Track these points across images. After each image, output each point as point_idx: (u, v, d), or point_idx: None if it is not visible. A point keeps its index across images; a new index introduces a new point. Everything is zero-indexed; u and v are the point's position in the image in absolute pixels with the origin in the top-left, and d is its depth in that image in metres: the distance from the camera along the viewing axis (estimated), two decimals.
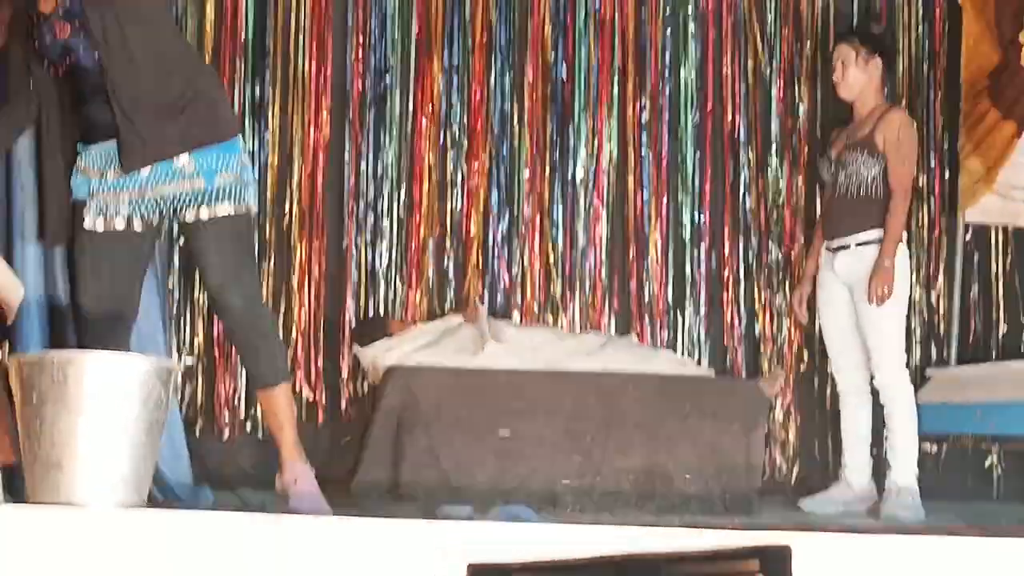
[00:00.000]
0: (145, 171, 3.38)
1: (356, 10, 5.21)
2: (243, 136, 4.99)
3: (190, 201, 3.39)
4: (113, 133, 3.38)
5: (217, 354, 5.05)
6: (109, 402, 2.87)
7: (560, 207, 5.36)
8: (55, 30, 3.39)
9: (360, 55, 5.19)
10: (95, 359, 2.91)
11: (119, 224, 3.44)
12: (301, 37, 5.20)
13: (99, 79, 3.37)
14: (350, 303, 5.21)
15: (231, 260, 3.43)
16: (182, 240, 3.51)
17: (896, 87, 5.41)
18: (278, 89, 5.18)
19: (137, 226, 3.45)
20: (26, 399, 2.89)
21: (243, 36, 5.16)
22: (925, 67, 5.54)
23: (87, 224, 3.45)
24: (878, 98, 4.84)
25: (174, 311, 4.96)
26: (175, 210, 3.42)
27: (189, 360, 4.34)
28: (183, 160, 3.37)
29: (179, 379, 4.84)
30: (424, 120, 5.23)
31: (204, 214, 3.39)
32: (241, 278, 3.46)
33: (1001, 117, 4.96)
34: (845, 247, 4.75)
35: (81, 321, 3.51)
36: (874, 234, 4.67)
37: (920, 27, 5.55)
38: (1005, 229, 5.47)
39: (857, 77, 4.80)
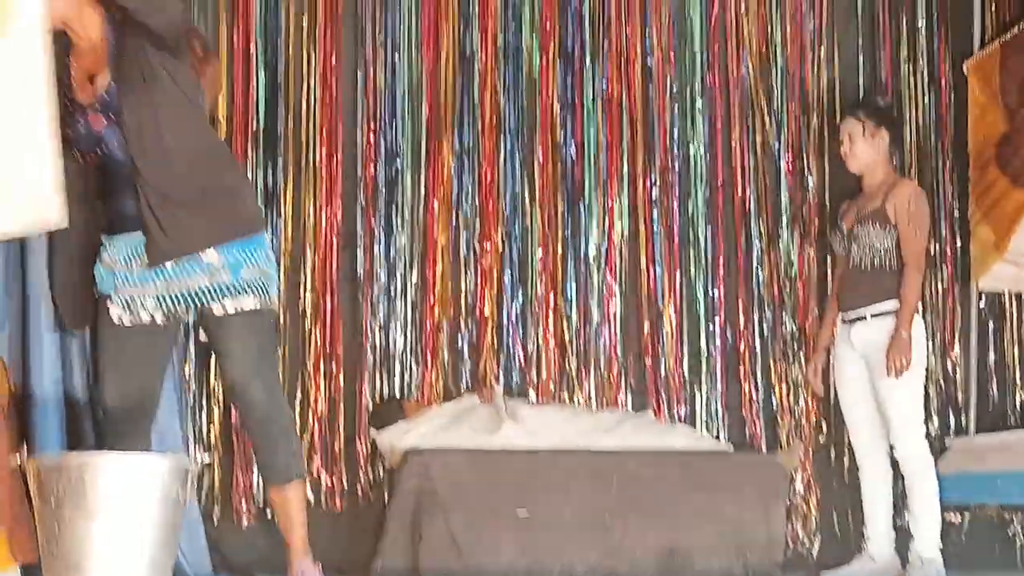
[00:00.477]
0: (171, 264, 3.39)
1: (367, 96, 5.27)
2: None
3: (215, 294, 3.40)
4: (139, 226, 3.39)
5: (235, 442, 5.06)
6: (126, 504, 2.88)
7: (573, 284, 5.37)
8: (90, 121, 3.41)
9: (371, 140, 5.25)
10: (112, 462, 2.92)
11: (144, 317, 3.44)
12: (312, 124, 5.25)
13: (130, 171, 3.38)
14: (366, 387, 5.22)
15: (254, 354, 3.44)
16: (201, 331, 3.52)
17: (904, 157, 5.44)
18: (290, 176, 5.23)
19: (161, 319, 3.46)
20: (44, 501, 2.91)
21: (255, 124, 5.21)
22: (932, 137, 5.57)
23: (112, 317, 3.45)
24: (887, 169, 4.87)
25: (191, 401, 4.97)
26: (200, 303, 3.42)
27: (206, 457, 4.34)
28: (210, 254, 3.38)
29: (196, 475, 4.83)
30: (436, 202, 5.26)
31: (229, 307, 3.40)
32: (263, 372, 3.47)
33: (1010, 185, 4.97)
34: (861, 318, 4.76)
35: (102, 417, 3.51)
36: (889, 305, 4.68)
37: (926, 97, 5.59)
38: (1018, 296, 5.46)
39: (865, 150, 4.83)
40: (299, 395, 5.15)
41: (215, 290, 3.39)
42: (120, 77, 3.36)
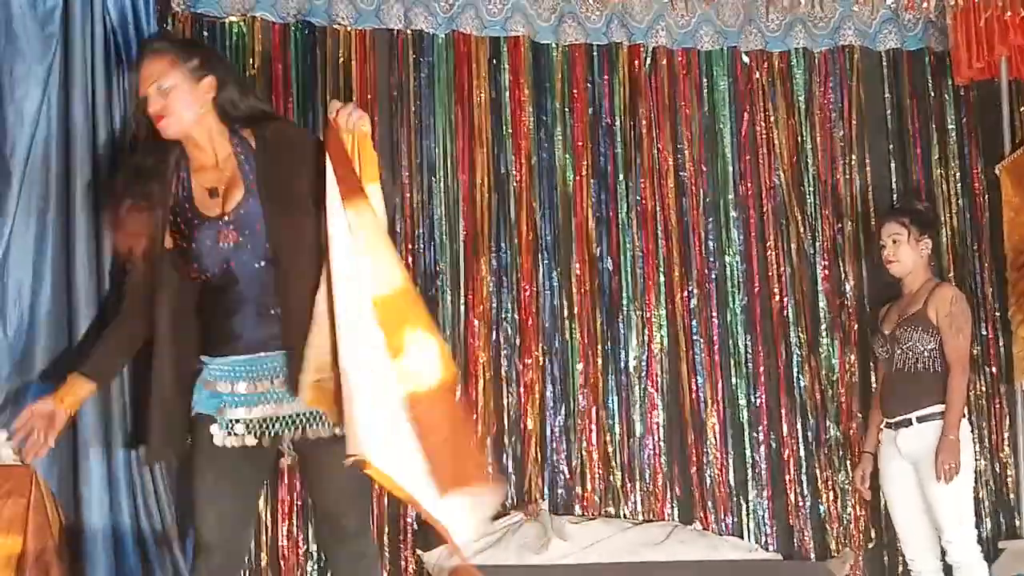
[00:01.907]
0: (281, 386, 3.29)
1: (405, 218, 5.34)
2: None
3: (323, 416, 3.27)
4: (255, 347, 3.29)
5: (282, 567, 5.04)
6: None
7: (615, 397, 5.38)
8: (219, 236, 3.32)
9: (410, 261, 5.31)
10: None
11: (250, 441, 3.31)
12: None
13: (254, 290, 3.30)
14: (410, 507, 5.20)
15: (355, 482, 3.25)
16: (287, 456, 3.40)
17: (942, 259, 5.46)
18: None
19: (266, 442, 3.32)
20: None
21: None
22: (969, 238, 5.59)
23: (216, 441, 3.31)
24: (927, 273, 4.90)
25: None
26: (306, 425, 3.29)
27: None
28: None
29: None
30: (476, 321, 5.30)
31: (337, 430, 3.23)
32: (359, 501, 3.37)
33: None
34: (906, 423, 4.75)
35: (196, 554, 3.35)
36: (935, 409, 4.68)
37: (960, 200, 5.62)
38: None
39: (908, 254, 4.87)
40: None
41: (322, 412, 3.26)
42: (269, 198, 3.32)
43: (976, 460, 5.05)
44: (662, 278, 5.45)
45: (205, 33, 5.13)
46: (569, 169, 5.45)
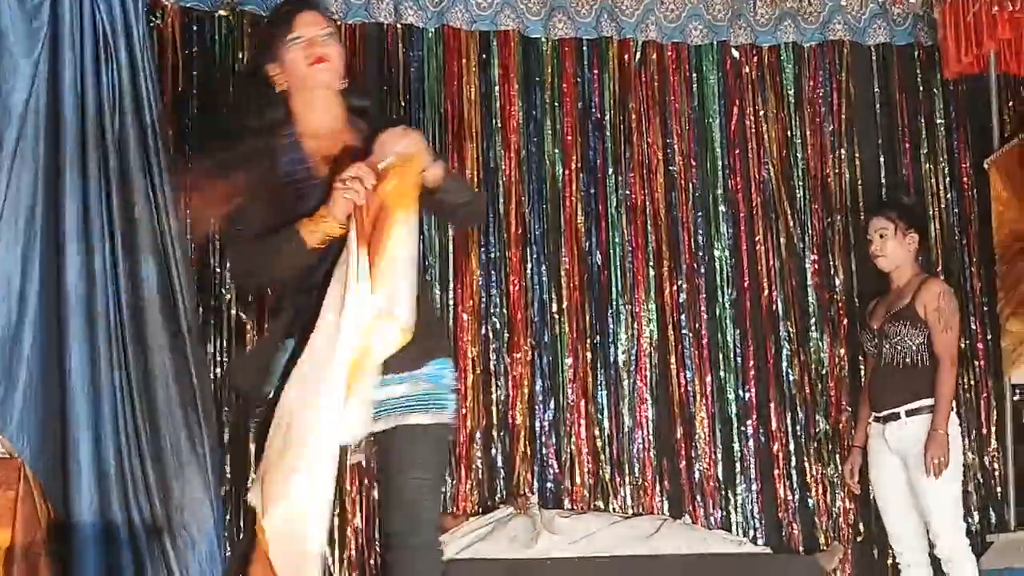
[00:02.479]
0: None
1: None
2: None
3: (419, 404, 3.23)
4: None
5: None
6: None
7: (604, 391, 5.39)
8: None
9: None
10: None
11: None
12: None
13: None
14: None
15: (435, 470, 3.26)
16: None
17: (930, 253, 5.47)
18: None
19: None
20: None
21: None
22: (957, 232, 5.61)
23: None
24: (915, 268, 4.91)
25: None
26: (396, 412, 3.23)
27: None
28: (429, 366, 3.26)
29: None
30: (465, 315, 5.31)
31: (426, 419, 3.22)
32: (435, 491, 3.31)
33: None
34: (895, 417, 4.76)
35: None
36: (924, 403, 4.69)
37: (948, 194, 5.64)
38: None
39: (896, 249, 4.87)
40: (337, 508, 5.14)
41: (420, 400, 3.24)
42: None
43: (964, 454, 5.07)
44: (651, 272, 5.46)
45: (194, 27, 5.12)
46: (558, 163, 5.46)
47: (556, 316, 5.38)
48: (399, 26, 5.35)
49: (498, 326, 5.34)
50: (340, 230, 3.13)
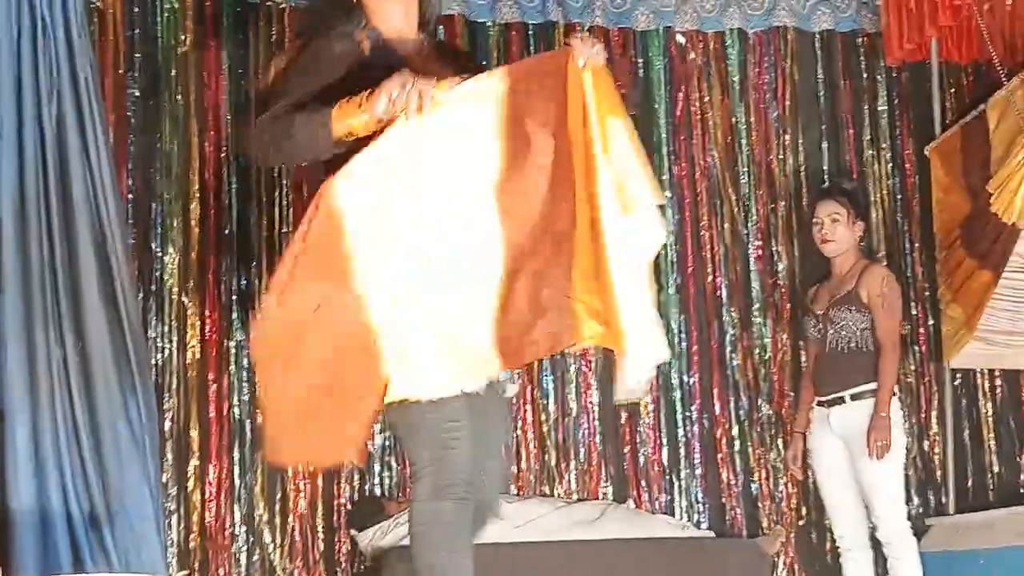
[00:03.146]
0: None
1: None
2: (232, 329, 5.11)
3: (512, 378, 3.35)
4: None
5: (211, 555, 5.00)
6: None
7: (550, 377, 5.39)
8: None
9: None
10: None
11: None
12: (286, 225, 5.27)
13: None
14: (345, 486, 5.19)
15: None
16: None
17: (872, 239, 5.51)
18: (264, 279, 5.24)
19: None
20: None
21: (228, 227, 5.22)
22: (899, 218, 5.65)
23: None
24: (857, 254, 4.94)
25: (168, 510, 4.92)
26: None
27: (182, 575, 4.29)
28: None
29: None
30: None
31: (511, 391, 3.36)
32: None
33: (976, 265, 5.04)
34: (839, 401, 4.79)
35: None
36: (868, 387, 4.72)
37: (891, 180, 5.68)
38: (991, 372, 5.51)
39: (844, 235, 4.90)
40: (279, 494, 5.12)
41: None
42: None
43: (906, 438, 5.11)
44: None
45: (136, 9, 5.06)
46: None
47: None
48: None
49: None
50: (366, 130, 3.05)
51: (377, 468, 5.23)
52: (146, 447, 4.00)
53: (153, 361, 4.82)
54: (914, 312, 5.55)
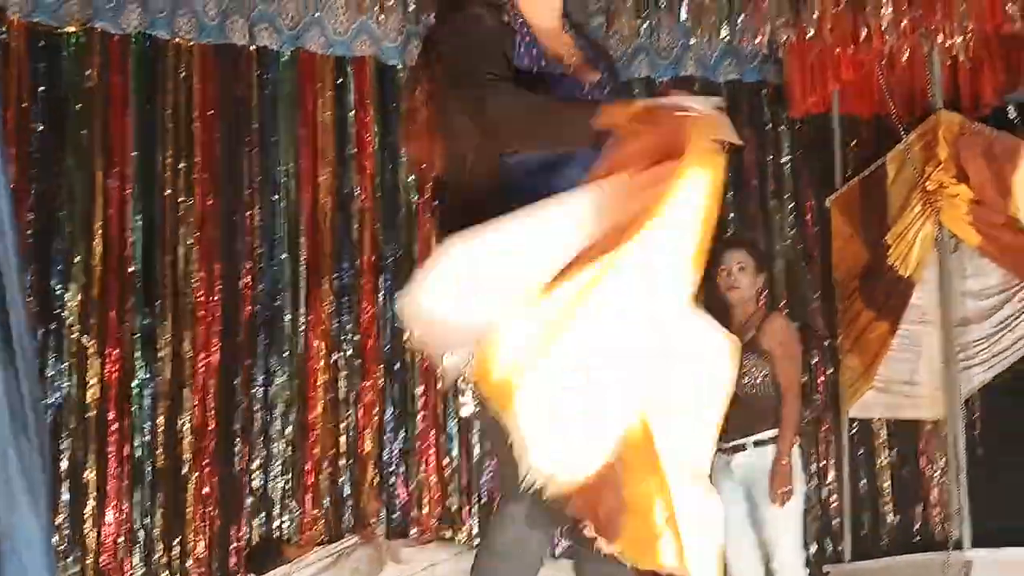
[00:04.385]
0: None
1: (245, 235, 5.26)
2: (135, 365, 5.04)
3: None
4: None
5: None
6: None
7: (455, 420, 5.37)
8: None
9: (250, 280, 5.24)
10: None
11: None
12: (189, 266, 5.21)
13: None
14: (244, 529, 5.13)
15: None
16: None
17: (774, 288, 5.57)
18: (168, 318, 5.17)
19: None
20: None
21: (132, 266, 5.16)
22: (800, 268, 5.73)
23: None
24: (756, 303, 4.99)
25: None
26: None
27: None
28: None
29: None
30: (316, 341, 5.25)
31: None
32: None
33: (874, 317, 5.12)
34: (741, 448, 4.81)
35: None
36: (770, 433, 4.75)
37: (793, 230, 5.76)
38: (888, 421, 5.60)
39: (749, 284, 4.94)
40: (178, 537, 5.04)
41: None
42: None
43: (804, 485, 5.16)
44: None
45: (41, 43, 5.01)
46: (413, 190, 5.44)
47: (407, 344, 5.35)
48: (254, 48, 5.29)
49: (349, 353, 5.30)
50: (627, 128, 2.55)
51: (277, 509, 5.18)
52: (35, 478, 3.92)
53: (51, 400, 4.74)
54: (814, 361, 5.62)
